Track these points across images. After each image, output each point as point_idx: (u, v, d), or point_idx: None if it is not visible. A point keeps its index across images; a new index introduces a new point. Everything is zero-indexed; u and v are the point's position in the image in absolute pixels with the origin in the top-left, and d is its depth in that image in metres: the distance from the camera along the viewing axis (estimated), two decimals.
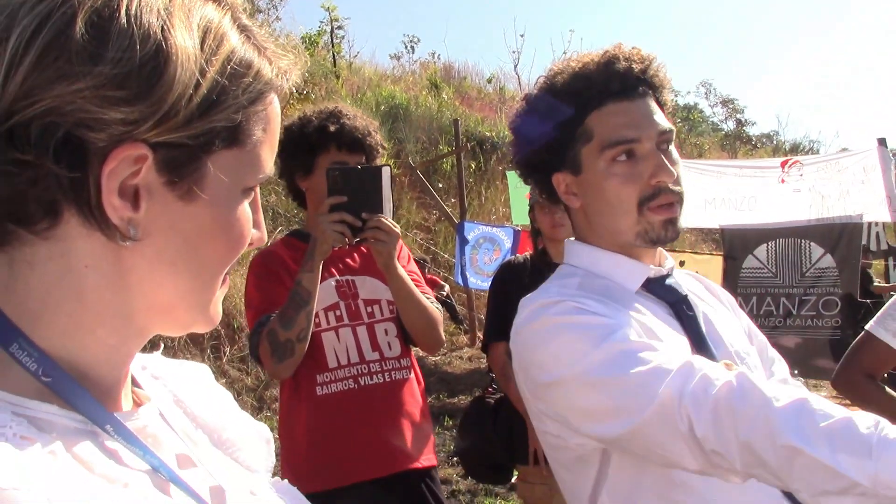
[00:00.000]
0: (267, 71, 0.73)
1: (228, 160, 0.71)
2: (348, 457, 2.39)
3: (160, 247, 0.69)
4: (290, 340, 2.31)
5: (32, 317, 0.67)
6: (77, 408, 0.67)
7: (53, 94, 0.61)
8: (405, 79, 18.26)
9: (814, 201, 8.05)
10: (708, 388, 1.19)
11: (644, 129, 1.48)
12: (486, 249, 9.20)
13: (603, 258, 1.58)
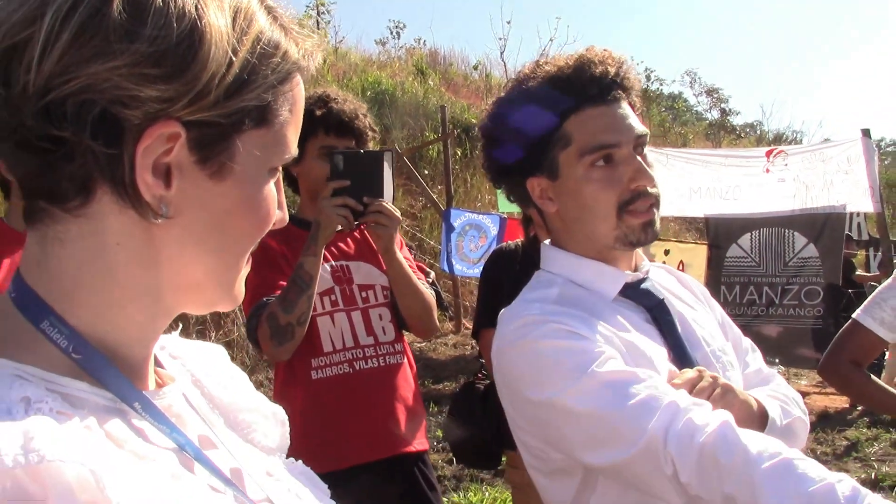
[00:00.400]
0: (294, 52, 0.74)
1: (257, 140, 0.72)
2: (343, 440, 2.40)
3: (189, 225, 0.70)
4: (291, 324, 2.31)
5: (63, 294, 0.68)
6: (107, 385, 0.68)
7: (90, 71, 0.61)
8: (391, 64, 18.17)
9: (798, 191, 8.11)
10: (694, 436, 1.22)
11: (622, 134, 1.48)
12: (472, 236, 9.20)
13: (581, 266, 1.58)
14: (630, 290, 1.56)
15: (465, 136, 14.14)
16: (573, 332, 1.42)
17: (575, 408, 1.35)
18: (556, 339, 1.41)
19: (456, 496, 5.26)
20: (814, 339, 7.36)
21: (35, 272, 0.69)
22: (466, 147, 14.03)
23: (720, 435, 1.20)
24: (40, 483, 0.54)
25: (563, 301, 1.53)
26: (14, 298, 0.69)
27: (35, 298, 0.68)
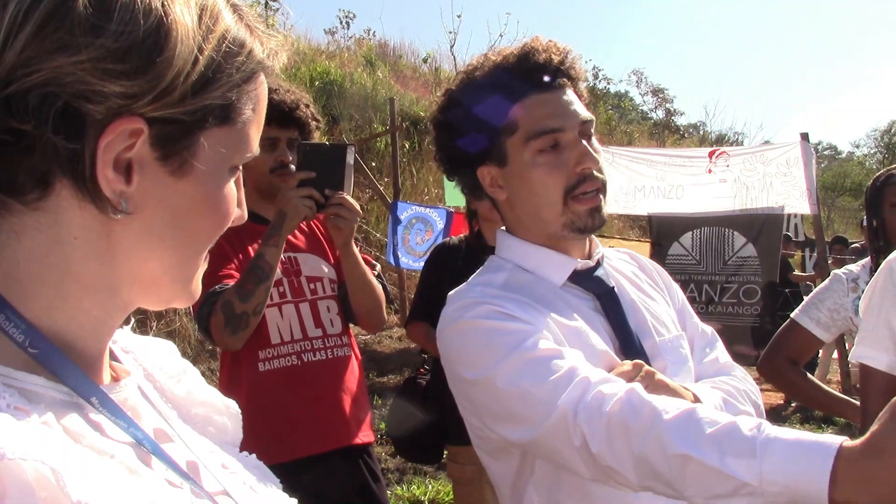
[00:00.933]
0: (258, 51, 0.74)
1: (219, 138, 0.72)
2: (290, 433, 2.39)
3: (149, 221, 0.69)
4: (246, 313, 2.29)
5: (19, 288, 0.67)
6: (64, 380, 0.67)
7: (53, 64, 0.60)
8: (340, 55, 18.03)
9: (738, 192, 8.28)
10: (602, 405, 1.24)
11: (567, 119, 1.50)
12: (419, 230, 9.20)
13: (530, 253, 1.60)
14: (579, 276, 1.58)
15: (413, 129, 14.12)
16: (508, 314, 1.44)
17: (499, 385, 1.38)
18: (490, 319, 1.44)
19: (399, 489, 5.27)
20: (752, 337, 7.54)
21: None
22: (415, 140, 14.01)
23: (626, 400, 1.22)
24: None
25: (508, 286, 1.55)
26: None
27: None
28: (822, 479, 1.01)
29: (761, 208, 7.98)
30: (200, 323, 2.39)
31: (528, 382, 1.35)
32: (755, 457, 1.07)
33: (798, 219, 12.67)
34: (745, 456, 1.08)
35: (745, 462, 1.08)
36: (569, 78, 1.55)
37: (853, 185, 32.40)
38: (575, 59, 1.57)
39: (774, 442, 1.07)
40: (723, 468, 1.09)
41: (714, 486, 1.11)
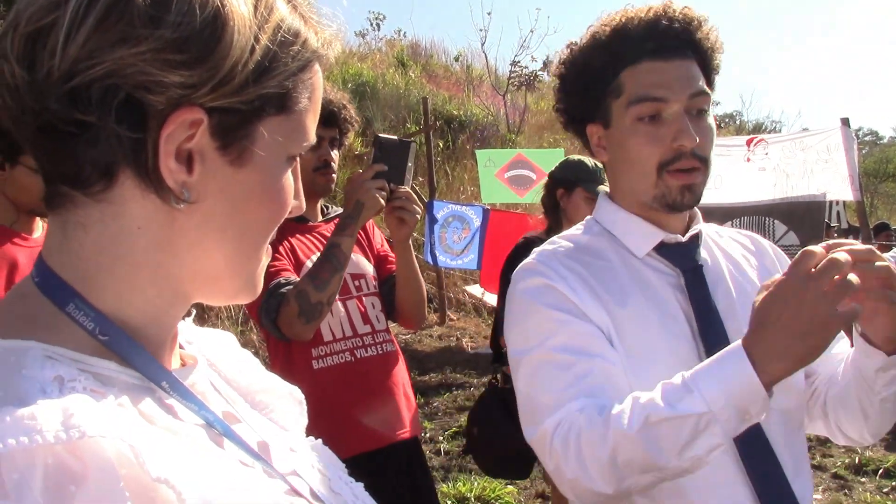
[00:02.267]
0: (313, 40, 0.74)
1: (276, 127, 0.72)
2: (346, 429, 2.40)
3: (210, 211, 0.70)
4: (321, 302, 2.31)
5: (86, 277, 0.69)
6: (134, 365, 0.69)
7: (115, 56, 0.61)
8: (371, 56, 18.12)
9: (778, 180, 8.15)
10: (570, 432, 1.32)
11: (673, 91, 1.46)
12: (455, 228, 9.19)
13: (620, 219, 1.59)
14: (666, 250, 1.55)
15: (447, 128, 14.14)
16: (554, 289, 1.47)
17: (519, 377, 1.47)
18: (533, 299, 1.49)
19: (445, 486, 5.27)
20: None
21: (57, 257, 0.70)
22: (448, 139, 14.03)
23: (586, 419, 1.30)
24: (80, 458, 0.55)
25: (584, 250, 1.57)
26: (38, 283, 0.70)
27: (59, 282, 0.69)
28: (748, 372, 1.16)
29: (802, 196, 7.84)
30: (267, 315, 2.38)
31: (537, 386, 1.43)
32: (693, 391, 1.21)
33: (840, 206, 12.45)
34: (686, 395, 1.21)
35: (688, 399, 1.21)
36: (693, 49, 1.50)
37: None
38: (708, 30, 1.52)
39: (697, 374, 1.23)
40: (677, 413, 1.20)
41: (679, 434, 1.21)
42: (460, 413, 6.74)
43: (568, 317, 1.44)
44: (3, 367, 0.61)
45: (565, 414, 1.34)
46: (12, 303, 0.70)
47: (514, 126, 16.31)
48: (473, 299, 10.49)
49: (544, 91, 20.24)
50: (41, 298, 0.69)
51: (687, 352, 1.45)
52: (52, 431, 0.54)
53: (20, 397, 0.58)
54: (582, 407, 1.34)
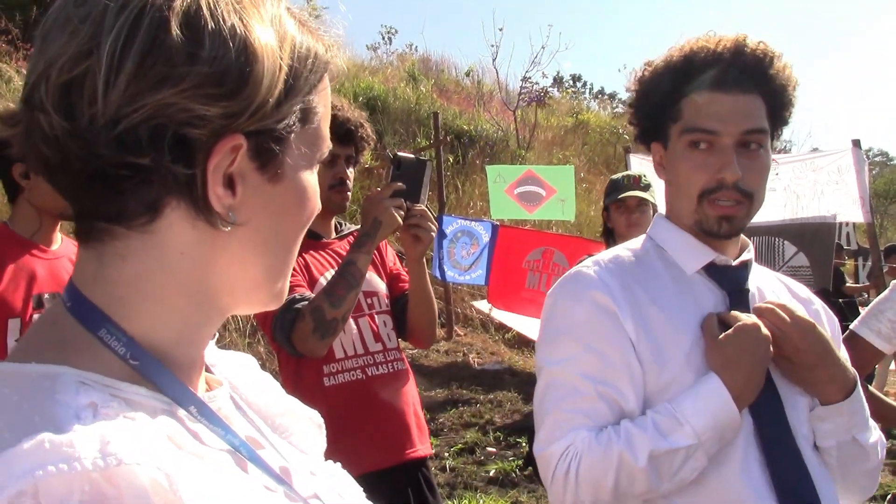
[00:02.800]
0: (322, 51, 0.76)
1: (303, 138, 0.75)
2: (357, 447, 2.39)
3: (253, 228, 0.73)
4: (336, 319, 2.31)
5: (120, 302, 0.70)
6: (163, 390, 0.70)
7: (158, 97, 0.63)
8: (383, 70, 18.18)
9: (788, 200, 8.15)
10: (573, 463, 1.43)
11: (725, 125, 1.50)
12: (464, 243, 9.19)
13: (672, 235, 1.64)
14: (715, 270, 1.59)
15: (457, 143, 14.16)
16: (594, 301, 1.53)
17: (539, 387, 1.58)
18: (565, 311, 1.58)
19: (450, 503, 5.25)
20: None
21: (90, 284, 0.71)
22: (458, 154, 14.05)
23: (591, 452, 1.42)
24: (116, 486, 0.56)
25: (636, 262, 1.62)
26: (70, 308, 0.70)
27: (91, 307, 0.70)
28: (728, 402, 1.39)
29: (813, 217, 7.83)
30: (282, 330, 2.37)
31: (551, 402, 1.53)
32: (683, 424, 1.38)
33: (850, 227, 12.41)
34: (678, 428, 1.39)
35: (680, 432, 1.38)
36: (760, 84, 1.53)
37: None
38: (779, 66, 1.54)
39: (684, 405, 1.41)
40: (672, 446, 1.38)
41: (673, 463, 1.38)
42: (466, 429, 6.73)
43: (600, 342, 1.50)
44: (37, 393, 0.62)
45: (572, 441, 1.44)
46: (44, 328, 0.71)
47: (524, 142, 16.32)
48: (481, 315, 10.47)
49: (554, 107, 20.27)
50: (73, 323, 0.69)
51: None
52: (90, 459, 0.55)
53: (55, 423, 0.59)
54: (589, 438, 1.43)
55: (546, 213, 9.89)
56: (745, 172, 1.49)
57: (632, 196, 3.61)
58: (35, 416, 0.60)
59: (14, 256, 2.53)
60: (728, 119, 1.50)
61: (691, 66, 1.54)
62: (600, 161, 17.30)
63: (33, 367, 0.65)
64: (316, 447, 0.99)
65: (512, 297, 8.65)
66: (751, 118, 1.50)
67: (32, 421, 0.59)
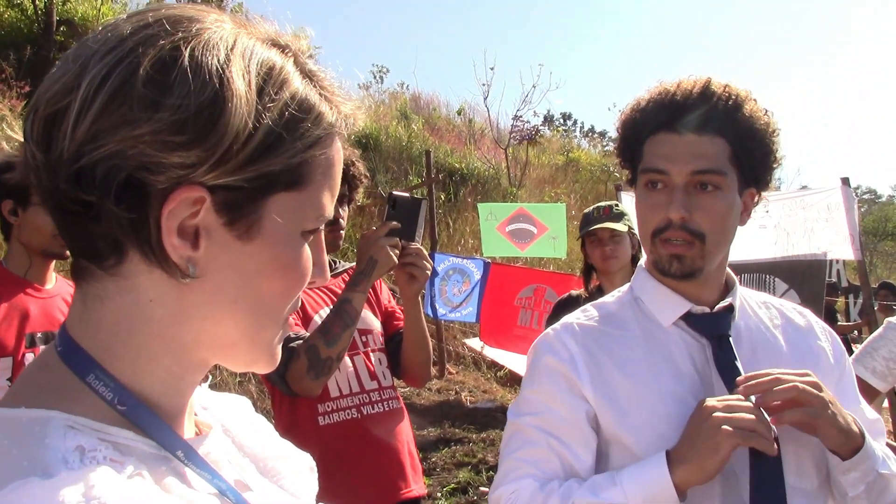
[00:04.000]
0: (328, 115, 0.75)
1: (287, 203, 0.73)
2: (351, 486, 2.37)
3: (220, 284, 0.71)
4: (331, 358, 2.29)
5: (104, 347, 0.70)
6: (150, 434, 0.70)
7: (117, 138, 0.64)
8: (375, 109, 18.31)
9: (779, 238, 8.17)
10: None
11: (675, 164, 1.50)
12: (456, 281, 9.19)
13: (648, 286, 1.64)
14: (693, 318, 1.58)
15: (449, 180, 14.21)
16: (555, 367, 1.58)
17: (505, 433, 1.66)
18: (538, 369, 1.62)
19: None
20: None
21: (78, 327, 0.72)
22: (450, 191, 14.10)
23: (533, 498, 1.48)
24: None
25: (606, 319, 1.64)
26: (60, 352, 0.71)
27: (80, 352, 0.70)
28: (665, 476, 1.37)
29: (803, 254, 7.85)
30: (276, 369, 2.36)
31: (508, 449, 1.61)
32: (617, 484, 1.41)
33: (840, 264, 12.45)
34: (611, 487, 1.41)
35: (611, 490, 1.41)
36: (721, 126, 1.51)
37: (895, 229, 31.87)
38: (745, 108, 1.52)
39: (625, 470, 1.43)
40: (598, 500, 1.41)
41: None
42: (459, 469, 6.66)
43: (557, 404, 1.56)
44: (26, 438, 0.63)
45: (517, 487, 1.52)
46: (36, 372, 0.72)
47: (516, 180, 16.41)
48: (473, 352, 10.44)
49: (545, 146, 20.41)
50: (63, 368, 0.70)
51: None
52: (74, 501, 0.56)
53: (43, 467, 0.60)
54: (533, 487, 1.50)
55: (537, 250, 9.91)
56: (696, 212, 1.49)
57: (601, 228, 3.60)
58: (24, 460, 0.61)
59: (7, 295, 2.51)
60: (678, 159, 1.50)
61: (654, 109, 1.56)
62: (591, 199, 17.37)
63: (23, 411, 0.65)
64: (308, 490, 0.97)
65: (504, 334, 8.64)
66: (702, 159, 1.49)
67: (21, 465, 0.60)
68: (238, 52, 0.68)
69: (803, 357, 1.61)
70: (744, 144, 1.52)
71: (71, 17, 11.53)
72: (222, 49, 0.67)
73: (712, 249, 1.52)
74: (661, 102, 1.55)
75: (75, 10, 11.79)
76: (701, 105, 1.51)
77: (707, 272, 1.55)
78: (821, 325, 1.71)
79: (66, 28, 11.34)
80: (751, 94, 1.55)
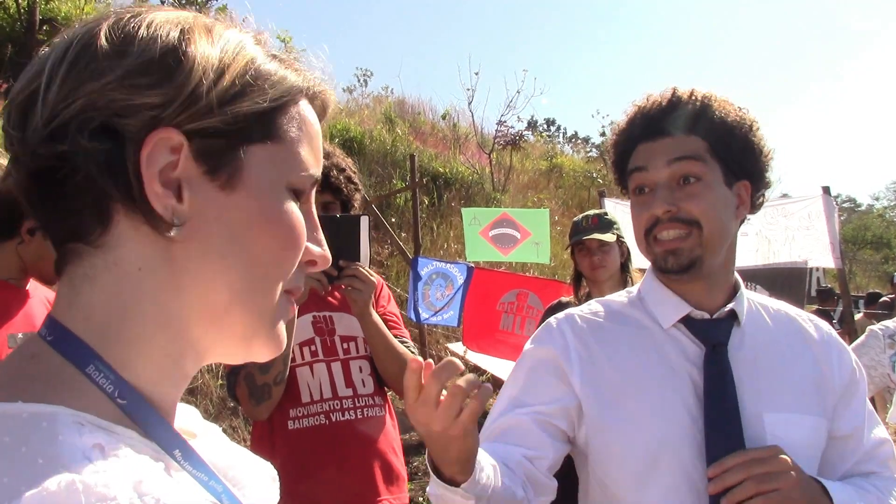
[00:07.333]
0: (293, 77, 0.77)
1: (266, 153, 0.74)
2: (317, 492, 2.36)
3: (207, 239, 0.71)
4: (268, 384, 2.32)
5: (99, 333, 0.68)
6: (149, 431, 0.68)
7: (86, 90, 0.66)
8: (359, 112, 18.28)
9: (760, 245, 8.22)
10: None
11: (650, 160, 1.56)
12: (439, 285, 9.17)
13: (652, 288, 1.67)
14: (693, 323, 1.59)
15: (433, 185, 14.21)
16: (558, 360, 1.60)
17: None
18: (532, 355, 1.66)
19: None
20: None
21: (68, 313, 0.70)
22: (434, 196, 14.10)
23: None
24: None
25: (610, 315, 1.68)
26: (52, 342, 0.68)
27: (75, 340, 0.68)
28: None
29: (784, 262, 7.91)
30: (230, 392, 2.43)
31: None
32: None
33: (820, 272, 12.56)
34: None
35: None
36: (693, 126, 1.56)
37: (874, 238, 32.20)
38: (714, 106, 1.57)
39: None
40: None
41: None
42: None
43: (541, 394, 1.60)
44: (33, 434, 0.59)
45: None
46: (25, 363, 0.68)
47: (499, 185, 16.44)
48: (456, 357, 10.41)
49: (529, 151, 20.46)
50: (57, 358, 0.67)
51: (682, 427, 1.49)
52: (126, 499, 0.54)
53: (64, 466, 0.56)
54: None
55: (520, 255, 9.91)
56: (683, 202, 1.52)
57: (589, 239, 3.62)
58: (38, 458, 0.57)
59: None
60: (654, 156, 1.56)
61: (631, 127, 1.63)
62: (574, 204, 17.43)
63: (21, 406, 0.61)
64: (269, 500, 0.94)
65: (486, 338, 8.63)
66: (677, 150, 1.55)
67: (35, 464, 0.56)
68: (198, 24, 0.72)
69: (807, 374, 1.60)
70: (720, 139, 1.56)
71: (54, 16, 11.44)
72: (179, 18, 0.72)
73: (710, 237, 1.53)
74: (635, 119, 1.61)
75: (58, 9, 11.70)
76: (671, 111, 1.57)
77: (709, 268, 1.56)
78: (835, 342, 1.69)
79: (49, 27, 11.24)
80: (717, 95, 1.59)
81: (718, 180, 1.55)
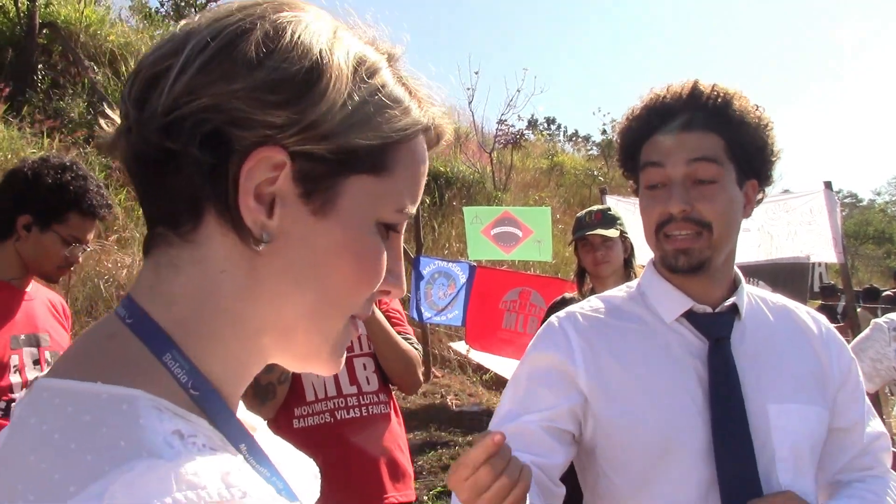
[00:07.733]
0: (416, 111, 0.75)
1: (366, 186, 0.72)
2: (323, 491, 2.36)
3: (290, 259, 0.70)
4: (272, 384, 2.34)
5: (179, 323, 0.69)
6: (218, 423, 0.68)
7: (212, 91, 0.65)
8: None
9: (762, 241, 8.21)
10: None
11: (670, 157, 1.53)
12: (441, 284, 9.18)
13: (654, 282, 1.66)
14: (695, 317, 1.59)
15: (434, 184, 14.20)
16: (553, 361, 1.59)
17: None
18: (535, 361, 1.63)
19: None
20: None
21: (149, 298, 0.70)
22: (435, 195, 14.09)
23: None
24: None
25: (611, 311, 1.66)
26: (131, 325, 0.68)
27: (155, 327, 0.68)
28: None
29: (787, 257, 7.90)
30: None
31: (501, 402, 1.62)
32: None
33: (822, 268, 12.56)
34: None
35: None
36: (712, 123, 1.54)
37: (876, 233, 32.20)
38: (735, 104, 1.55)
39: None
40: None
41: None
42: (445, 472, 6.64)
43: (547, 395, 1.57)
44: (113, 416, 0.59)
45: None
46: (104, 342, 0.68)
47: (501, 183, 16.43)
48: (458, 356, 10.42)
49: (530, 149, 20.45)
50: (136, 342, 0.67)
51: (689, 419, 1.50)
52: (216, 489, 0.54)
53: (147, 449, 0.57)
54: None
55: (523, 253, 9.91)
56: (698, 203, 1.51)
57: (592, 234, 3.62)
58: (120, 440, 0.57)
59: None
60: (672, 152, 1.53)
61: (648, 115, 1.60)
62: (576, 202, 17.43)
63: (101, 386, 0.62)
64: (311, 496, 0.96)
65: (489, 337, 8.63)
66: (697, 150, 1.52)
67: (118, 445, 0.56)
68: (340, 39, 0.71)
69: (807, 366, 1.62)
70: (737, 138, 1.54)
71: (54, 19, 11.43)
72: (325, 33, 0.70)
73: (719, 239, 1.54)
74: (653, 108, 1.58)
75: (58, 12, 11.69)
76: (691, 105, 1.55)
77: (714, 266, 1.57)
78: (834, 336, 1.71)
79: (49, 31, 11.25)
80: (740, 92, 1.57)
81: (732, 181, 1.55)
